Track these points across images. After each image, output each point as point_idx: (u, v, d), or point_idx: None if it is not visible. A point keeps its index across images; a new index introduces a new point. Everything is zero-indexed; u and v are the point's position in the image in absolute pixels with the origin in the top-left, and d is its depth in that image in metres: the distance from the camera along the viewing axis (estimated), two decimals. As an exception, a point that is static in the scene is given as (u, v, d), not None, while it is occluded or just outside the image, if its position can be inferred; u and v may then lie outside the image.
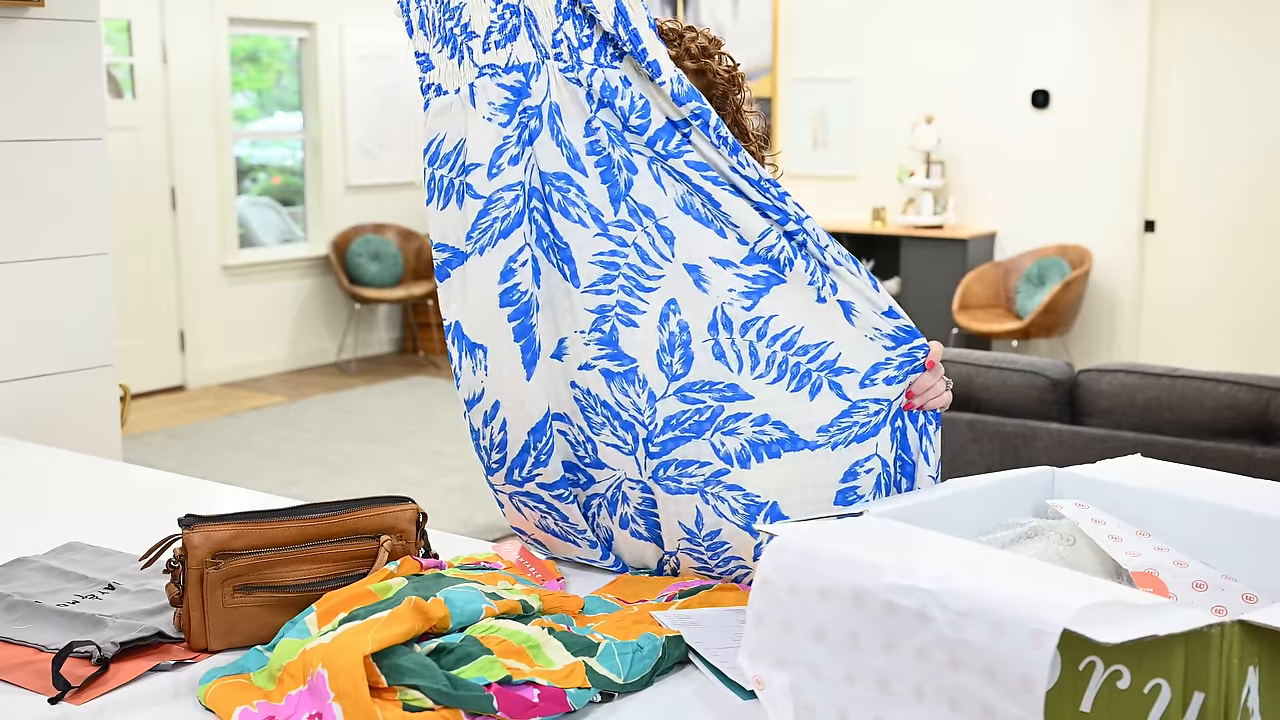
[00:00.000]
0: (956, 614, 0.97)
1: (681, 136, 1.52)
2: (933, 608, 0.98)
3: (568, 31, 1.53)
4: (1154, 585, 1.22)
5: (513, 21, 1.54)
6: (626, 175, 1.53)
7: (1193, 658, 0.94)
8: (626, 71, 1.53)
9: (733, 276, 1.52)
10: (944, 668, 0.98)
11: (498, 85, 1.54)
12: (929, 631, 0.98)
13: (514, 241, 1.55)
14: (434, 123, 1.60)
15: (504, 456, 1.62)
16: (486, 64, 1.55)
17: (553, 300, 1.58)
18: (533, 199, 1.56)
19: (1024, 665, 0.92)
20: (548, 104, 1.54)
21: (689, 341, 1.53)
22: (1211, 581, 1.22)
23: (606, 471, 1.61)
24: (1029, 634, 0.92)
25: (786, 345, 1.52)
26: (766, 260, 1.52)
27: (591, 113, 1.53)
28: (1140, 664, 0.94)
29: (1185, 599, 1.21)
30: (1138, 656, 0.94)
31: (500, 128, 1.54)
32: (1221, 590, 1.22)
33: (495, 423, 1.61)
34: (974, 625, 0.95)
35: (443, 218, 1.61)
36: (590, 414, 1.58)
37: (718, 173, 1.52)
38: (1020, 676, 0.92)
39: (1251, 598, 1.21)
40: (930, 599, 0.99)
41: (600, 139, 1.53)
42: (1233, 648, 0.95)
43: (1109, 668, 0.95)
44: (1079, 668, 0.95)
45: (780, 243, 1.52)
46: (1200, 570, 1.24)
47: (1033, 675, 0.91)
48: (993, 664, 0.94)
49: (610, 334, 1.55)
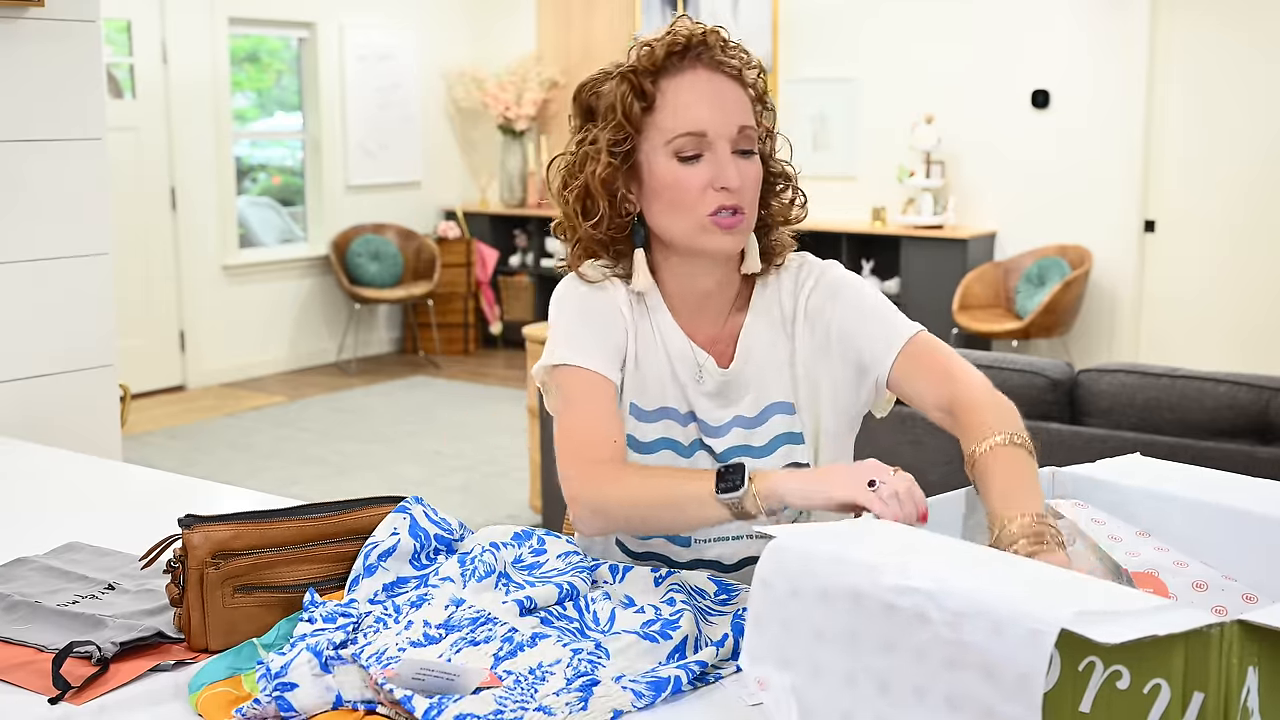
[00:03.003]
0: (954, 614, 0.97)
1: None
2: (930, 608, 0.98)
3: None
4: (1154, 585, 1.22)
5: None
6: None
7: (1192, 658, 0.94)
8: None
9: None
10: (942, 668, 0.98)
11: None
12: (927, 632, 0.98)
13: None
14: None
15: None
16: None
17: None
18: None
19: (1022, 665, 0.92)
20: None
21: None
22: (1211, 581, 1.22)
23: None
24: (1027, 634, 0.92)
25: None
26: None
27: None
28: (1140, 664, 0.94)
29: (1185, 599, 1.21)
30: (1137, 657, 0.94)
31: None
32: (1221, 590, 1.22)
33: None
34: (971, 625, 0.95)
35: None
36: None
37: None
38: (1018, 676, 0.92)
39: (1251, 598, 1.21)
40: (928, 599, 0.99)
41: None
42: (1232, 648, 0.94)
43: (1108, 668, 0.94)
44: (1078, 668, 0.95)
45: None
46: (1200, 570, 1.24)
47: (1031, 675, 0.91)
48: (991, 664, 0.94)
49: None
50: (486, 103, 8.43)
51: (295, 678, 1.30)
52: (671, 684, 1.33)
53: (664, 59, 1.61)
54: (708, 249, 1.63)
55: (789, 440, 1.68)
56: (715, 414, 1.69)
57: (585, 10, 8.33)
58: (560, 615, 1.49)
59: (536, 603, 1.49)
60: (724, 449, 1.68)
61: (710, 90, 1.61)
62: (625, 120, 1.62)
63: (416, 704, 1.25)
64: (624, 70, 1.63)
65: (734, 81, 1.64)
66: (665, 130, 1.61)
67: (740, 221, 1.61)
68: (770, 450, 1.68)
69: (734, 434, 1.68)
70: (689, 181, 1.60)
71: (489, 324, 8.62)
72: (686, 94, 1.61)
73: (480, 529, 1.70)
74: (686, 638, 1.43)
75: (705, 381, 1.68)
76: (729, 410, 1.69)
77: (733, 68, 1.64)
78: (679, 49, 1.62)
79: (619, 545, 1.73)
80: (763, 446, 1.68)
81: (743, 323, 1.71)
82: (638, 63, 1.62)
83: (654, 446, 1.68)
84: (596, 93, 1.66)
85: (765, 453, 1.68)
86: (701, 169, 1.60)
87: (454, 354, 8.48)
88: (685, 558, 1.70)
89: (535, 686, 1.33)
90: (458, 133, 8.89)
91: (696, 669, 1.36)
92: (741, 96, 1.64)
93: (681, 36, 1.62)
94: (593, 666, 1.37)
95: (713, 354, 1.70)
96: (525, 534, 1.68)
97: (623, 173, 1.64)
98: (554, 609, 1.50)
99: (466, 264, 8.41)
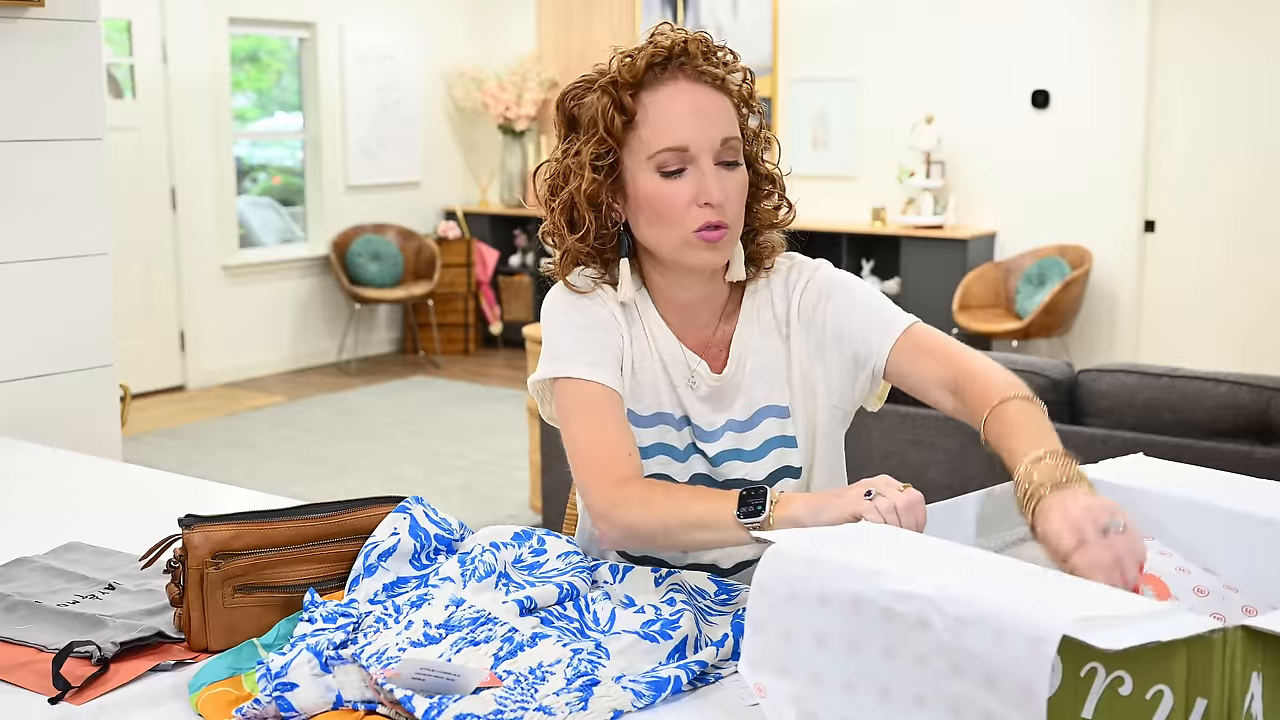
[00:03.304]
0: (956, 620, 0.95)
1: None
2: (932, 614, 0.97)
3: None
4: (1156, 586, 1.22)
5: None
6: None
7: (1195, 664, 0.93)
8: None
9: None
10: (944, 675, 0.96)
11: None
12: (929, 638, 0.97)
13: None
14: None
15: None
16: None
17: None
18: None
19: (1024, 673, 0.91)
20: None
21: None
22: (1213, 590, 1.22)
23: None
24: (1028, 641, 0.90)
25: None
26: None
27: None
28: (1142, 670, 0.93)
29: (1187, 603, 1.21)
30: (1139, 662, 0.93)
31: None
32: (1222, 600, 1.21)
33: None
34: (973, 632, 0.94)
35: None
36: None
37: None
38: (1020, 684, 0.91)
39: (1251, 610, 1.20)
40: (929, 605, 0.97)
41: None
42: (1235, 654, 0.94)
43: (1110, 674, 0.93)
44: (1080, 674, 0.94)
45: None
46: (1201, 577, 1.23)
47: (1034, 683, 0.90)
48: (993, 671, 0.93)
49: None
50: (486, 103, 8.43)
51: (295, 678, 1.30)
52: (671, 684, 1.33)
53: (644, 71, 1.59)
54: (692, 264, 1.63)
55: (781, 444, 1.68)
56: (708, 418, 1.68)
57: (585, 10, 8.33)
58: (560, 615, 1.49)
59: (536, 603, 1.49)
60: (716, 452, 1.68)
61: (691, 103, 1.59)
62: (607, 134, 1.60)
63: (416, 704, 1.25)
64: (604, 83, 1.61)
65: (717, 91, 1.61)
66: (647, 145, 1.59)
67: (724, 235, 1.60)
68: (762, 454, 1.68)
69: (726, 438, 1.68)
70: (673, 198, 1.58)
71: (489, 324, 8.62)
72: (667, 108, 1.59)
73: (480, 529, 1.70)
74: (686, 638, 1.43)
75: (699, 386, 1.68)
76: (722, 415, 1.68)
77: (715, 77, 1.61)
78: (660, 60, 1.59)
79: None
80: (754, 450, 1.68)
81: (734, 329, 1.70)
82: (618, 75, 1.60)
83: (649, 451, 1.67)
84: (579, 104, 1.64)
85: (757, 456, 1.68)
86: (685, 184, 1.58)
87: (454, 354, 8.48)
88: (683, 560, 1.70)
89: (535, 686, 1.33)
90: (458, 133, 8.89)
91: (696, 669, 1.36)
92: (725, 106, 1.62)
93: (663, 48, 1.59)
94: (593, 666, 1.37)
95: (705, 359, 1.69)
96: (525, 534, 1.68)
97: (607, 185, 1.63)
98: (554, 609, 1.50)
99: (466, 264, 8.41)
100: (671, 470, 1.67)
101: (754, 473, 1.67)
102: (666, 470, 1.67)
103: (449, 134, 8.84)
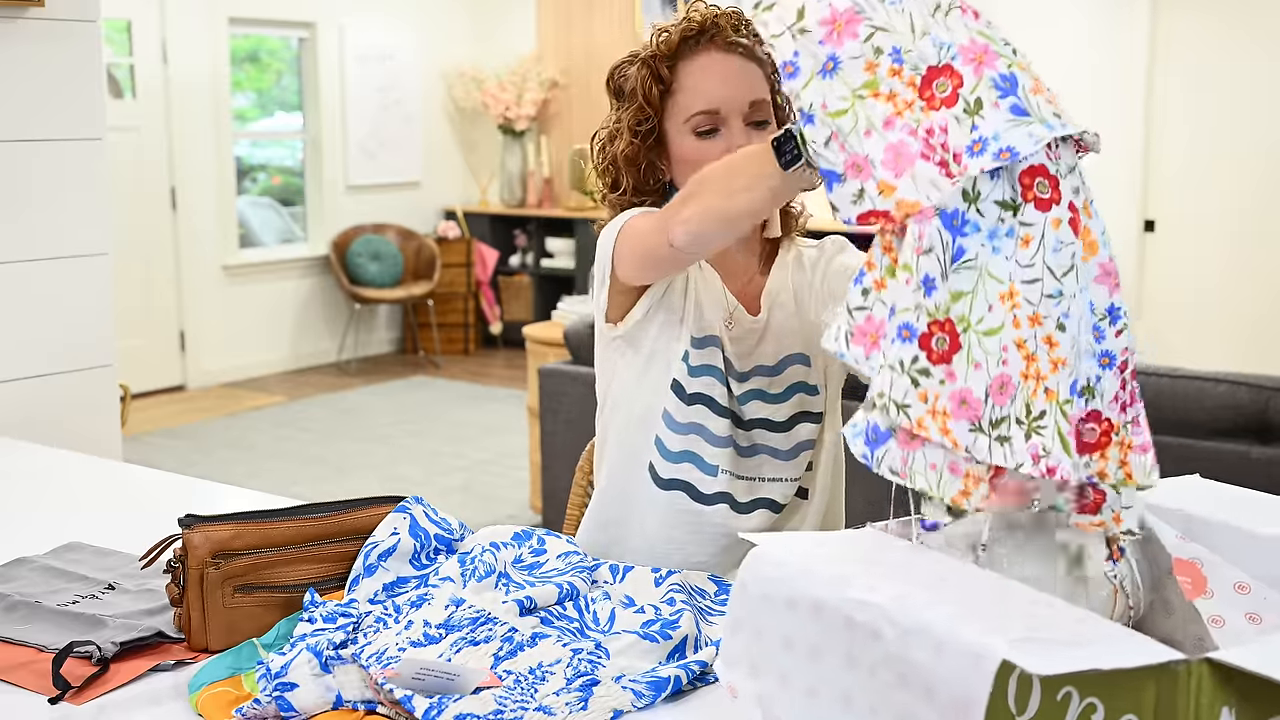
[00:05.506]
0: (903, 630, 0.94)
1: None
2: (883, 624, 0.96)
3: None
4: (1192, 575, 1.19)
5: None
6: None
7: (1163, 694, 0.92)
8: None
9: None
10: (891, 685, 0.95)
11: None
12: (879, 648, 0.96)
13: None
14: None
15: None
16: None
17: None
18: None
19: (963, 688, 0.89)
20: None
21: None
22: (1255, 589, 1.18)
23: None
24: (970, 658, 0.89)
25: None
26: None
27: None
28: (1113, 697, 0.92)
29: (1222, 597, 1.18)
30: (1110, 689, 0.91)
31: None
32: (1263, 599, 1.17)
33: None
34: (917, 644, 0.93)
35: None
36: None
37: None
38: (956, 699, 0.89)
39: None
40: (881, 615, 0.96)
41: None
42: (1201, 687, 0.92)
43: (1084, 699, 0.91)
44: (1056, 697, 0.92)
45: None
46: (1246, 578, 1.19)
47: (972, 699, 0.88)
48: (933, 685, 0.91)
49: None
50: (486, 103, 8.43)
51: (295, 678, 1.30)
52: (671, 684, 1.33)
53: (679, 44, 1.75)
54: None
55: (803, 390, 1.80)
56: (741, 359, 1.80)
57: (585, 10, 8.33)
58: (560, 615, 1.49)
59: (536, 603, 1.49)
60: (742, 391, 1.78)
61: (722, 70, 1.74)
62: (646, 103, 1.76)
63: (416, 704, 1.25)
64: (644, 57, 1.78)
65: (747, 60, 1.75)
66: (683, 110, 1.75)
67: None
68: (786, 398, 1.79)
69: (755, 380, 1.79)
70: (707, 154, 1.70)
71: (489, 324, 8.62)
72: (699, 77, 1.74)
73: (480, 529, 1.71)
74: (686, 638, 1.43)
75: (734, 326, 1.80)
76: (751, 359, 1.80)
77: (745, 47, 1.75)
78: (693, 34, 1.75)
79: (650, 470, 1.78)
80: (779, 394, 1.80)
81: (767, 280, 1.83)
82: (656, 49, 1.77)
83: (698, 371, 1.77)
84: (624, 76, 1.81)
85: (781, 399, 1.79)
86: (718, 142, 1.73)
87: (454, 354, 8.48)
88: (711, 489, 1.77)
89: (535, 686, 1.33)
90: (458, 133, 8.89)
91: (696, 669, 1.36)
92: (754, 72, 1.75)
93: (695, 23, 1.75)
94: (593, 666, 1.37)
95: (742, 303, 1.81)
96: (525, 534, 1.68)
97: (653, 148, 1.78)
98: (554, 609, 1.50)
99: (466, 264, 8.42)
100: (715, 392, 1.77)
101: (776, 414, 1.79)
102: (711, 392, 1.77)
103: (449, 134, 8.84)
